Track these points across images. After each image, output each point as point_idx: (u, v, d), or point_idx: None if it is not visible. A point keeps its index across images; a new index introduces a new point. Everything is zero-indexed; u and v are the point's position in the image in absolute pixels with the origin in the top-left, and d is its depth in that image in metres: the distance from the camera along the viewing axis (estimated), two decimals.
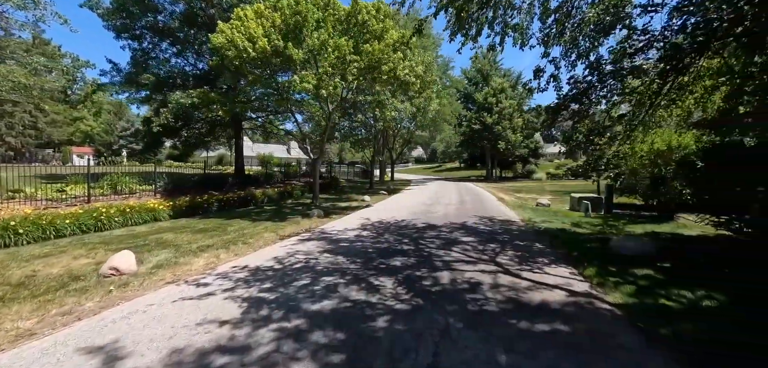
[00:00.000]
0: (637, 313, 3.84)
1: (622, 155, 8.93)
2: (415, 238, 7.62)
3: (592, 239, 7.84)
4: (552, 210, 12.91)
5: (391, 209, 13.10)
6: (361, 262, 5.75)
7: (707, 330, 3.49)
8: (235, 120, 20.51)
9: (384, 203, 15.55)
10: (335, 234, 8.31)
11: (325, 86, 10.78)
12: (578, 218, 11.13)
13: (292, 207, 14.28)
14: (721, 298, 4.35)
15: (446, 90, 30.26)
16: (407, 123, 23.25)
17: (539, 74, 8.28)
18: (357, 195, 19.14)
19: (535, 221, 10.19)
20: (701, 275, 5.21)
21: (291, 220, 10.74)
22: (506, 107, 36.30)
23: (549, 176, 42.20)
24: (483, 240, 7.39)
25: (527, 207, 13.53)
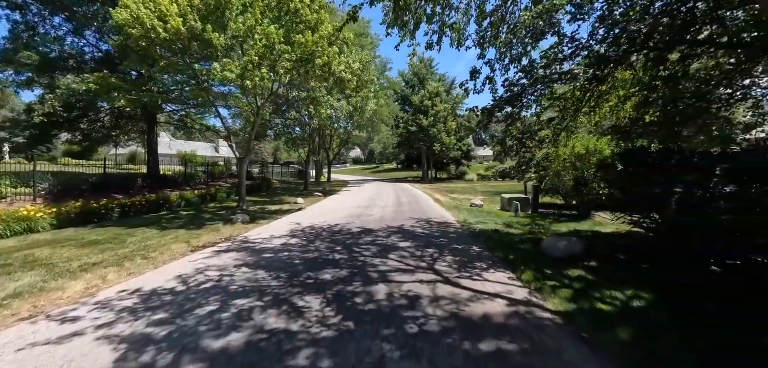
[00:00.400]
0: (577, 320, 3.68)
1: (550, 157, 9.29)
2: (349, 245, 6.99)
3: (524, 240, 7.95)
4: (485, 211, 13.22)
5: (326, 213, 12.31)
6: (285, 277, 4.96)
7: (642, 330, 3.43)
8: (147, 113, 18.03)
9: (318, 206, 14.67)
10: (259, 243, 7.34)
11: (250, 77, 9.64)
12: (509, 218, 11.47)
13: (214, 212, 12.75)
14: (647, 296, 4.44)
15: (384, 91, 30.13)
16: (344, 123, 22.48)
17: (475, 76, 8.20)
18: (290, 197, 17.94)
19: (471, 222, 10.21)
20: (625, 273, 5.41)
21: (209, 227, 9.43)
22: (441, 111, 37.45)
23: (479, 177, 44.59)
24: (421, 245, 7.03)
25: (462, 208, 13.71)
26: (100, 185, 13.66)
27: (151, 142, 18.94)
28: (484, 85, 8.34)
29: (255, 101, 13.33)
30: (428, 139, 37.26)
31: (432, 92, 38.01)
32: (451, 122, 38.41)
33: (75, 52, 16.21)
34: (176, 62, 10.48)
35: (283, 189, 24.19)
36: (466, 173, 46.24)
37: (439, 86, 39.37)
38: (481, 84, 8.33)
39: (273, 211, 13.07)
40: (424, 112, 37.21)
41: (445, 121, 37.75)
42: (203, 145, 53.13)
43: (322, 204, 15.33)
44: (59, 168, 14.90)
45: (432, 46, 8.69)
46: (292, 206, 14.43)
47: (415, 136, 37.76)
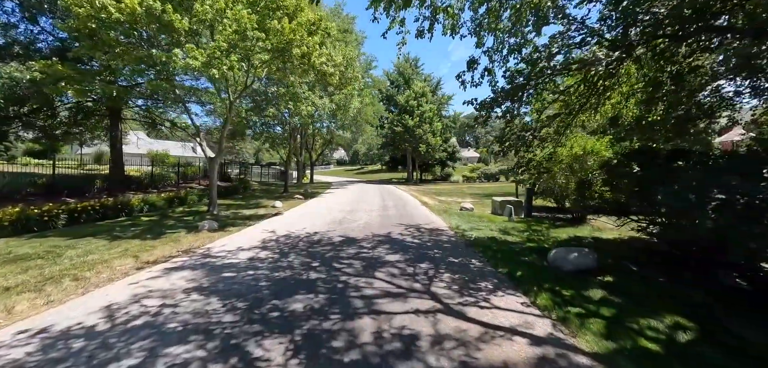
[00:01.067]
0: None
1: (554, 158, 8.53)
2: (328, 259, 5.95)
3: (526, 250, 7.11)
4: (477, 215, 12.39)
5: (305, 218, 11.21)
6: (243, 308, 3.90)
7: None
8: (111, 108, 16.48)
9: (298, 210, 13.54)
10: (222, 258, 6.22)
11: (217, 66, 8.47)
12: (504, 224, 10.68)
13: (179, 218, 11.45)
14: (691, 325, 3.64)
15: (369, 89, 29.18)
16: (327, 121, 21.34)
17: (473, 66, 7.32)
18: (268, 201, 16.70)
19: (464, 229, 9.34)
20: (650, 291, 4.66)
21: (168, 237, 8.21)
22: (427, 111, 36.72)
23: (465, 179, 44.17)
24: (412, 258, 6.06)
25: (452, 212, 12.85)
26: (51, 187, 12.14)
27: (115, 140, 17.34)
28: (483, 77, 7.48)
29: (228, 95, 12.11)
30: (414, 140, 36.46)
31: (418, 92, 37.26)
32: (437, 122, 37.75)
33: (27, 40, 14.59)
34: (132, 48, 9.18)
35: (263, 191, 22.84)
36: (451, 175, 45.77)
37: (424, 86, 38.66)
38: (480, 76, 7.46)
39: (247, 216, 11.87)
40: (409, 112, 36.41)
41: (431, 122, 37.05)
42: (179, 145, 50.82)
43: (302, 208, 14.20)
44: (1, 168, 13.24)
45: (423, 33, 7.78)
46: (268, 211, 13.24)
47: (401, 137, 36.91)
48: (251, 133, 20.92)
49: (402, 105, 37.25)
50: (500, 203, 13.14)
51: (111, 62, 9.55)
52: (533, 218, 12.23)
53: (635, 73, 8.37)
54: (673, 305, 4.17)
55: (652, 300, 4.42)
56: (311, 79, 15.61)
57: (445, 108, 45.73)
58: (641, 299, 4.46)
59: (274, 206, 14.39)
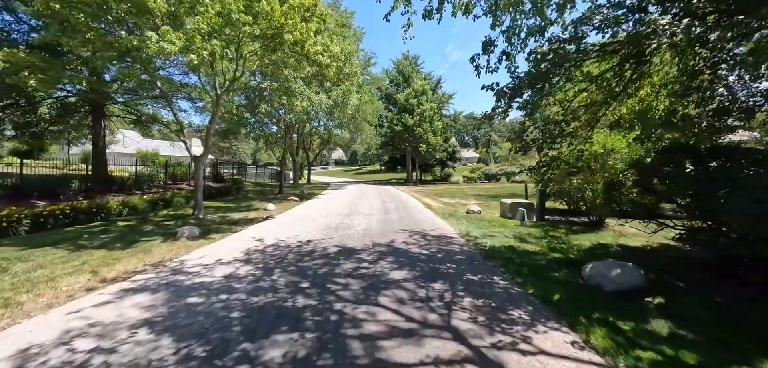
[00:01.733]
0: None
1: (584, 155, 7.54)
2: (321, 278, 4.92)
3: (552, 263, 6.11)
4: (486, 219, 11.39)
5: (298, 223, 10.18)
6: (200, 358, 2.87)
7: None
8: (93, 103, 15.44)
9: (291, 214, 12.49)
10: (195, 274, 5.18)
11: (197, 50, 7.44)
12: (517, 229, 9.69)
13: (160, 222, 10.40)
14: None
15: (367, 86, 28.18)
16: (324, 119, 20.25)
17: (489, 49, 6.32)
18: (260, 202, 15.66)
19: (475, 235, 8.33)
20: (721, 317, 3.75)
21: (140, 246, 7.17)
22: (427, 110, 35.74)
23: (465, 180, 43.23)
24: (423, 276, 5.04)
25: (459, 216, 11.84)
26: (18, 189, 11.08)
27: (98, 137, 16.27)
28: (500, 61, 6.49)
29: (214, 88, 11.09)
30: (414, 139, 35.47)
31: (418, 91, 36.27)
32: (437, 121, 36.77)
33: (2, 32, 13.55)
34: (103, 33, 8.14)
35: (257, 193, 21.78)
36: (451, 175, 44.82)
37: (424, 84, 37.67)
38: (496, 60, 6.47)
39: (235, 221, 10.83)
40: (409, 111, 35.42)
41: (432, 121, 36.07)
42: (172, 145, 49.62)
43: (296, 211, 13.16)
44: None
45: (431, 13, 6.81)
46: (259, 214, 12.20)
47: (400, 136, 35.90)
48: (244, 131, 19.81)
49: (402, 104, 36.26)
50: (510, 206, 12.15)
51: (80, 49, 8.50)
52: (547, 222, 11.25)
53: (670, 60, 7.40)
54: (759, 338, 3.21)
55: (731, 331, 3.44)
56: (307, 74, 14.60)
57: (446, 107, 44.81)
58: (716, 330, 3.48)
59: (266, 209, 13.35)
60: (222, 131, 19.81)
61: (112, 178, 16.03)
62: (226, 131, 19.61)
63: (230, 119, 16.84)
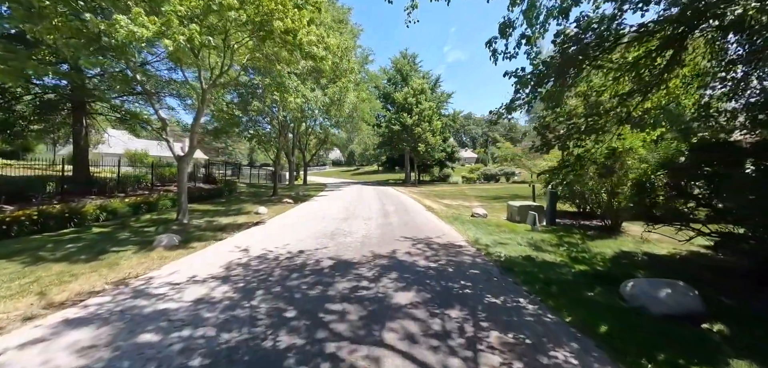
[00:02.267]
0: None
1: (618, 154, 6.74)
2: (311, 303, 4.05)
3: (580, 277, 5.29)
4: (493, 223, 10.57)
5: (291, 229, 9.31)
6: None
7: None
8: (73, 100, 14.53)
9: (284, 218, 11.61)
10: (159, 297, 4.31)
11: (173, 36, 6.56)
12: (529, 234, 8.89)
13: (140, 229, 9.50)
14: None
15: (365, 84, 27.32)
16: (320, 116, 19.32)
17: (507, 32, 5.49)
18: (252, 205, 14.76)
19: (486, 243, 7.50)
20: None
21: (108, 259, 6.29)
22: (426, 109, 34.93)
23: (464, 180, 42.46)
24: (435, 299, 4.18)
25: (464, 220, 11.01)
26: None
27: (79, 136, 15.32)
28: (519, 46, 5.66)
29: (199, 81, 10.21)
30: (412, 139, 34.64)
31: (416, 89, 35.44)
32: (436, 121, 35.96)
33: None
34: (70, 18, 7.24)
35: (250, 195, 20.86)
36: (450, 176, 44.04)
37: (423, 83, 36.85)
38: (515, 44, 5.65)
39: (222, 226, 9.96)
40: (408, 110, 34.59)
41: (431, 120, 35.25)
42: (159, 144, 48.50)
43: (289, 215, 12.28)
44: None
45: None
46: (250, 219, 11.32)
47: (399, 135, 35.06)
48: (236, 131, 18.86)
49: (400, 102, 35.42)
50: (518, 209, 11.34)
51: (46, 36, 7.58)
52: (559, 226, 10.46)
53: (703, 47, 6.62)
54: None
55: None
56: (300, 68, 13.74)
57: (444, 106, 43.99)
58: None
59: (257, 213, 12.47)
60: (213, 130, 18.87)
61: (94, 180, 15.09)
62: (217, 130, 18.65)
63: (221, 117, 15.93)
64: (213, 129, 19.14)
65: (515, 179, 43.21)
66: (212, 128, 19.09)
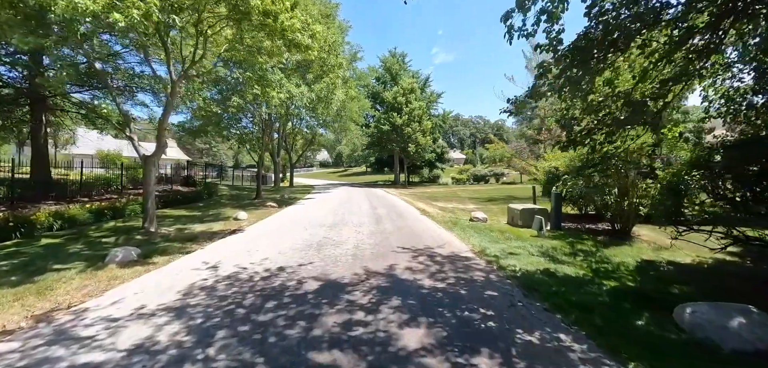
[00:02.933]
0: None
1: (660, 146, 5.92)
2: (289, 352, 3.00)
3: (617, 298, 4.41)
4: (495, 229, 9.70)
5: (271, 238, 8.23)
6: None
7: None
8: (30, 94, 13.14)
9: (265, 225, 10.50)
10: (84, 342, 3.21)
11: (125, 10, 5.45)
12: (537, 241, 8.06)
13: (97, 240, 8.30)
14: None
15: (353, 81, 26.28)
16: (306, 115, 18.12)
17: (525, 4, 4.59)
18: (233, 210, 13.58)
19: (494, 254, 6.60)
20: None
21: (44, 280, 5.14)
22: (416, 109, 34.11)
23: (454, 181, 41.83)
24: (453, 339, 3.18)
25: (463, 225, 10.11)
26: None
27: (37, 134, 13.89)
28: (538, 22, 4.77)
29: (168, 72, 9.05)
30: (402, 139, 33.76)
31: (406, 88, 34.59)
32: (426, 121, 35.18)
33: None
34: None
35: (232, 198, 19.58)
36: (440, 177, 43.38)
37: (413, 82, 36.05)
38: (534, 21, 4.75)
39: (194, 235, 8.82)
40: (397, 109, 33.70)
41: (421, 120, 34.45)
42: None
43: (271, 222, 11.16)
44: None
45: None
46: (227, 226, 10.18)
47: (388, 136, 34.14)
48: (215, 130, 17.56)
49: (389, 102, 34.52)
50: (521, 213, 10.52)
51: None
52: (565, 231, 9.69)
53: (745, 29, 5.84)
54: None
55: None
56: (285, 61, 12.66)
57: (434, 106, 43.30)
58: None
59: (236, 219, 11.33)
60: (191, 129, 17.57)
61: (54, 183, 13.65)
62: (195, 129, 17.38)
63: (199, 114, 14.70)
64: (190, 128, 17.87)
65: (505, 180, 42.83)
66: (190, 127, 17.82)
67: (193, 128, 17.48)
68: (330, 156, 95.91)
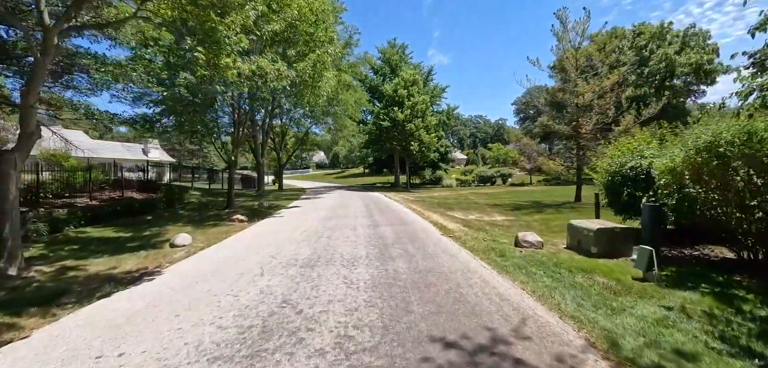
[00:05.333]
0: None
1: None
2: None
3: None
4: (573, 266, 6.06)
5: (199, 294, 4.58)
6: None
7: None
8: None
9: (201, 263, 6.77)
10: None
11: None
12: (650, 290, 4.50)
13: None
14: None
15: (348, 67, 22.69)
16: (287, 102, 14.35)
17: None
18: (179, 228, 9.95)
19: (608, 331, 3.06)
20: None
21: None
22: (419, 102, 30.48)
23: (459, 183, 38.35)
24: None
25: (515, 258, 6.48)
26: None
27: None
28: None
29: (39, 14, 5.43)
30: (404, 136, 30.11)
31: (407, 80, 30.98)
32: (430, 116, 31.63)
33: None
34: None
35: (196, 208, 15.89)
36: (442, 178, 39.84)
37: (415, 73, 32.45)
38: None
39: (78, 281, 5.21)
40: (399, 103, 30.06)
41: (424, 115, 30.84)
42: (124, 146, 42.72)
43: (217, 253, 7.44)
44: None
45: None
46: (145, 261, 6.53)
47: (388, 133, 30.51)
48: (177, 124, 13.84)
49: (389, 95, 30.88)
50: (595, 235, 6.95)
51: None
52: (673, 263, 6.16)
53: None
54: None
55: None
56: (252, 20, 9.04)
57: (438, 102, 39.77)
58: None
59: (172, 246, 7.69)
60: (143, 122, 13.88)
61: None
62: (151, 121, 13.73)
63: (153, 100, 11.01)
64: (143, 120, 14.18)
65: (512, 181, 39.38)
66: (142, 119, 14.13)
67: (147, 119, 13.79)
68: (326, 157, 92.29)
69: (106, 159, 25.09)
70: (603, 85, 14.76)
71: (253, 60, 10.23)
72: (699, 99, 45.02)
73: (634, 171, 8.07)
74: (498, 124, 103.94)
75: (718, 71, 39.92)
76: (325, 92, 14.34)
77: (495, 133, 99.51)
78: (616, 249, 7.04)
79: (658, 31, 41.53)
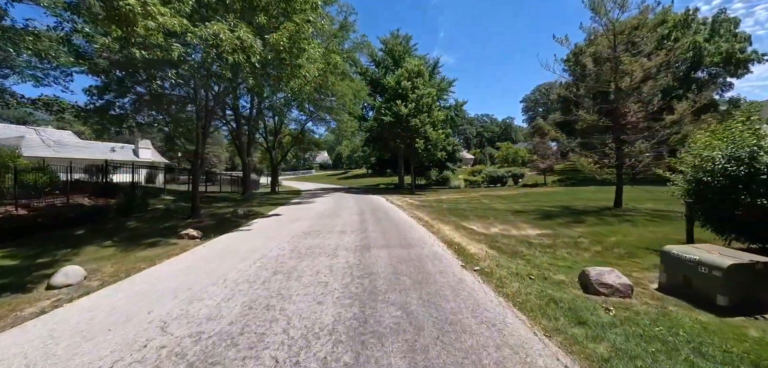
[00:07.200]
0: None
1: None
2: None
3: None
4: (699, 338, 3.20)
5: None
6: None
7: None
8: None
9: (75, 318, 4.03)
10: None
11: None
12: None
13: None
14: None
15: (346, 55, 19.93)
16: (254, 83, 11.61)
17: None
18: (98, 251, 7.23)
19: None
20: None
21: None
22: (425, 95, 27.50)
23: (467, 184, 35.44)
24: None
25: (586, 318, 3.64)
26: None
27: None
28: None
29: None
30: (408, 134, 27.17)
31: (412, 71, 28.02)
32: (437, 111, 28.69)
33: None
34: None
35: (153, 218, 13.16)
36: (450, 179, 36.92)
37: (420, 64, 29.49)
38: None
39: None
40: (402, 96, 27.14)
41: (430, 110, 27.87)
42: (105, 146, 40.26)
43: (104, 303, 4.71)
44: None
45: None
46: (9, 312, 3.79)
47: (391, 129, 27.57)
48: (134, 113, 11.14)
49: (392, 88, 27.95)
50: (726, 275, 4.07)
51: None
52: None
53: None
54: None
55: None
56: None
57: (445, 97, 36.83)
58: None
59: (48, 287, 4.93)
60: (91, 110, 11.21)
61: None
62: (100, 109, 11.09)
63: None
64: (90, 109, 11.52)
65: (523, 182, 36.36)
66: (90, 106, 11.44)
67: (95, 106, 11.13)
68: (330, 157, 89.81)
69: (97, 160, 22.43)
70: (656, 63, 11.84)
71: (206, 25, 7.50)
72: (726, 93, 41.43)
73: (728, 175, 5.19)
74: (505, 123, 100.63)
75: (751, 60, 36.44)
76: (309, 73, 11.53)
77: (502, 132, 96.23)
78: (757, 297, 4.22)
79: (682, 18, 38.17)
